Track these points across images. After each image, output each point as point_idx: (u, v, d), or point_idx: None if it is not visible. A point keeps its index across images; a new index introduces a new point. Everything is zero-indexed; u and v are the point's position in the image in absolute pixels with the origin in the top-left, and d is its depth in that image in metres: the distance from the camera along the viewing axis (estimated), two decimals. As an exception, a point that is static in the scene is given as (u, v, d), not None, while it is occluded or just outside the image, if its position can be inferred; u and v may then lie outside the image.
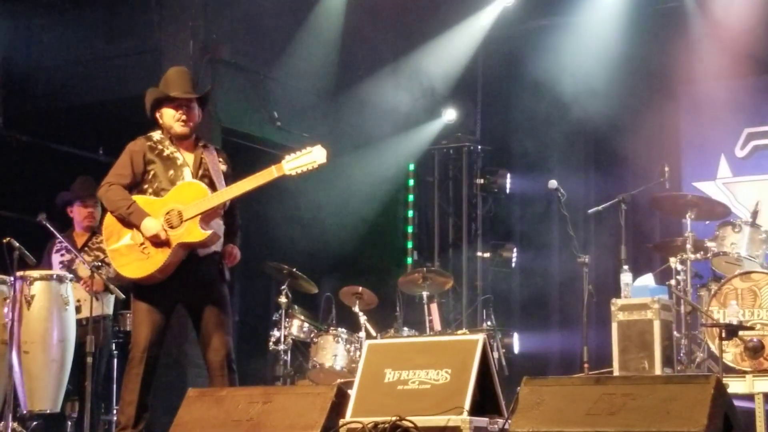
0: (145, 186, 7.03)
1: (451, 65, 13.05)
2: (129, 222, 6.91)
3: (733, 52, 11.71)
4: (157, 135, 7.13)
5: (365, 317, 10.55)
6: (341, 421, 5.85)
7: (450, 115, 13.52)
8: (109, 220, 7.05)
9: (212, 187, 6.95)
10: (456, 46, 12.96)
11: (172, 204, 6.89)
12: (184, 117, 7.05)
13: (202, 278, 6.97)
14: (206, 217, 6.86)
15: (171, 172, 7.01)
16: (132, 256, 6.92)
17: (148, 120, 7.23)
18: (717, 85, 12.03)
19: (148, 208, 6.92)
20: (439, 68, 13.04)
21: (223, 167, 7.13)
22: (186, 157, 7.07)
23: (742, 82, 12.01)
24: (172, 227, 6.85)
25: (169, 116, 7.07)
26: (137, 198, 6.99)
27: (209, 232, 6.83)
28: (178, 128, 7.05)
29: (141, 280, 6.94)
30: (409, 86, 13.07)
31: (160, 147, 7.07)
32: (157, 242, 6.85)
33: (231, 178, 7.13)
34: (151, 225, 6.86)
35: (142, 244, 6.90)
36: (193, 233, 6.82)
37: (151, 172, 7.03)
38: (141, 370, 6.87)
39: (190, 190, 6.91)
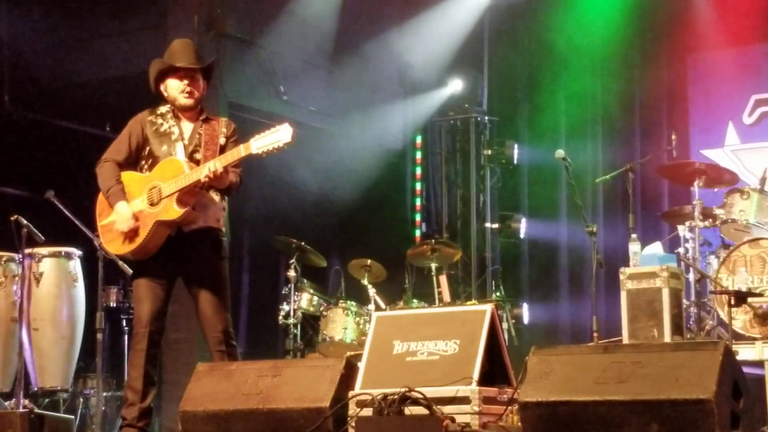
0: (142, 162, 7.03)
1: (456, 34, 13.00)
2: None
3: (740, 19, 11.67)
4: (163, 108, 7.11)
5: (374, 290, 10.57)
6: (350, 393, 5.85)
7: (456, 85, 13.48)
8: (102, 196, 7.07)
9: (199, 163, 6.89)
10: (461, 15, 12.91)
11: (156, 181, 6.87)
12: (188, 88, 7.01)
13: (194, 254, 6.93)
14: (184, 195, 6.78)
15: (165, 147, 6.98)
16: (117, 232, 6.93)
17: (154, 96, 7.22)
18: (724, 53, 12.00)
19: (134, 185, 6.93)
20: (444, 37, 12.99)
21: (222, 141, 7.02)
22: (184, 131, 7.03)
23: (750, 48, 11.97)
24: (153, 204, 6.84)
25: (173, 88, 7.03)
26: (126, 174, 6.99)
27: (183, 210, 6.75)
28: (183, 100, 7.02)
29: (126, 256, 7.01)
30: (415, 55, 13.03)
31: (160, 121, 7.05)
32: (137, 217, 6.84)
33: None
34: (121, 211, 6.88)
35: None
36: (169, 211, 6.78)
37: (148, 148, 7.02)
38: (145, 345, 6.86)
39: (170, 167, 6.86)
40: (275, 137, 6.63)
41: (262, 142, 6.66)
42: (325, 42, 12.33)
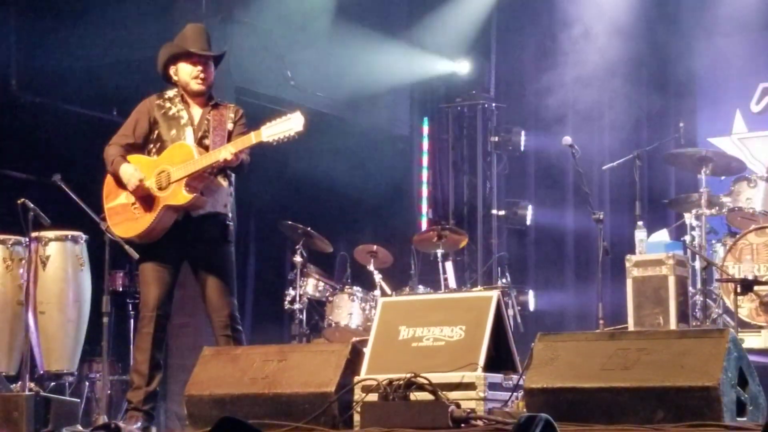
0: (150, 146, 7.03)
1: (464, 20, 12.99)
2: (119, 177, 6.94)
3: (749, 6, 11.64)
4: (170, 92, 7.10)
5: (380, 276, 10.58)
6: (356, 379, 5.86)
7: (463, 67, 13.44)
8: (109, 178, 7.06)
9: (208, 149, 6.89)
10: (470, 1, 12.91)
11: (164, 165, 6.87)
12: (202, 74, 7.00)
13: (201, 238, 6.94)
14: (193, 180, 6.78)
15: (173, 131, 6.98)
16: (124, 215, 6.95)
17: (161, 80, 7.21)
18: (732, 40, 11.98)
19: (142, 168, 6.92)
20: (452, 23, 12.97)
21: (230, 126, 7.01)
22: (194, 116, 7.03)
23: (758, 36, 11.95)
24: (161, 188, 6.84)
25: (185, 72, 7.02)
26: (134, 157, 6.99)
27: (192, 195, 6.76)
28: (195, 86, 7.01)
29: (132, 239, 7.01)
30: (423, 41, 13.02)
31: (168, 105, 7.04)
32: (145, 201, 6.85)
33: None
34: (128, 171, 6.88)
35: (133, 204, 6.92)
36: (178, 196, 6.78)
37: (156, 132, 7.02)
38: (151, 329, 6.88)
39: (180, 152, 6.86)
40: (287, 126, 6.62)
41: (273, 130, 6.66)
42: (332, 27, 12.30)
